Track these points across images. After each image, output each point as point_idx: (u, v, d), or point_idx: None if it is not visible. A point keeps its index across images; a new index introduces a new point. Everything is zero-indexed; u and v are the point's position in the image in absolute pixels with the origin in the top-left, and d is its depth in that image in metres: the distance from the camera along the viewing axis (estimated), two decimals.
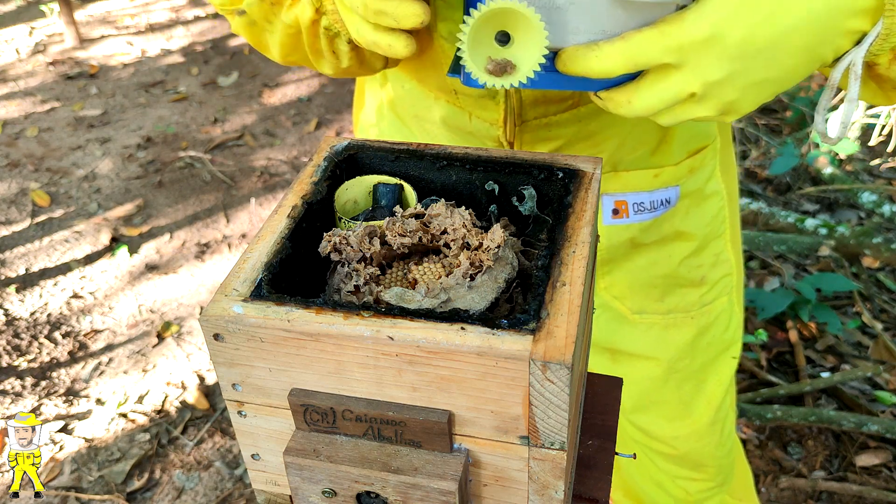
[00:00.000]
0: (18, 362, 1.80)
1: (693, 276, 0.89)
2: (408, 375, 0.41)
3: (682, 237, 0.87)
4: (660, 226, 0.85)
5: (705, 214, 0.87)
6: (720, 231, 0.89)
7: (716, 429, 0.99)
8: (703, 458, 1.00)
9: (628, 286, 0.90)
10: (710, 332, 0.93)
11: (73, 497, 1.51)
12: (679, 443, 0.98)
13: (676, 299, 0.90)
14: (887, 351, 1.71)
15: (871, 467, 1.50)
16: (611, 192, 0.82)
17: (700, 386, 0.96)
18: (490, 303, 0.45)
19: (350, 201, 0.55)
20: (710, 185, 0.86)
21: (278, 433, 0.47)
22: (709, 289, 0.91)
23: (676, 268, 0.88)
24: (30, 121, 2.80)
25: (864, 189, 2.12)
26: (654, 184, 0.82)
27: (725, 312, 0.94)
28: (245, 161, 2.56)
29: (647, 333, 0.92)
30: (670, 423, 0.97)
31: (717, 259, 0.90)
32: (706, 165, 0.85)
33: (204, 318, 0.43)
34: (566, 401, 0.39)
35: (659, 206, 0.83)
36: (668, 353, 0.93)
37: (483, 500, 0.46)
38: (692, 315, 0.91)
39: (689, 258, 0.88)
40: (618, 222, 0.84)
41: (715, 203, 0.87)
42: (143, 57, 3.26)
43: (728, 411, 1.01)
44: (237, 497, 1.51)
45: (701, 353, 0.94)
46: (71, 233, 2.24)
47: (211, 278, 2.07)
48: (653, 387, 0.95)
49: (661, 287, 0.89)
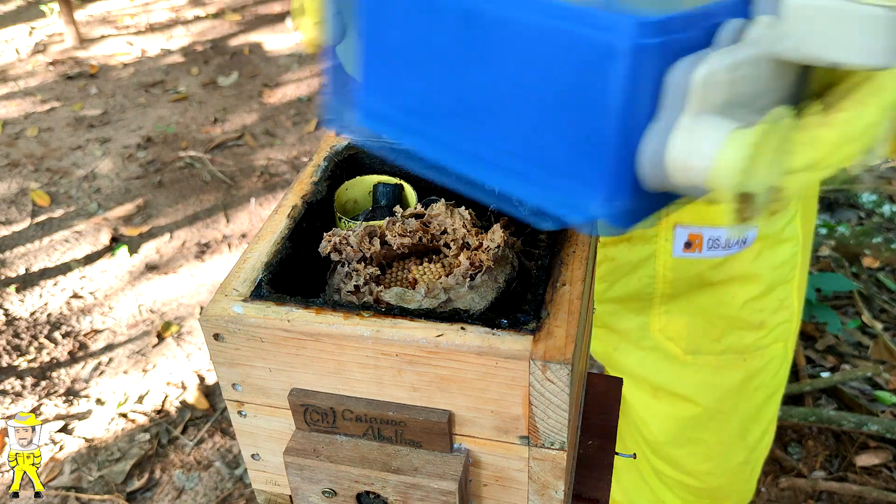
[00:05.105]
0: (18, 362, 1.80)
1: (753, 320, 0.85)
2: (408, 375, 0.41)
3: (750, 279, 0.83)
4: (730, 265, 0.81)
5: (777, 258, 0.83)
6: (789, 277, 0.85)
7: (747, 468, 0.97)
8: (729, 493, 0.98)
9: (687, 326, 0.86)
10: (760, 377, 0.90)
11: (73, 497, 1.51)
12: (710, 479, 0.95)
13: (732, 340, 0.86)
14: (887, 351, 1.71)
15: (871, 467, 1.50)
16: (686, 223, 0.78)
17: (742, 429, 0.93)
18: (490, 303, 0.45)
19: (350, 201, 0.55)
20: (789, 229, 0.82)
21: (278, 433, 0.47)
22: (766, 333, 0.87)
23: (739, 310, 0.84)
24: (30, 121, 2.80)
25: (864, 189, 2.12)
26: None
27: (778, 358, 0.90)
28: (245, 161, 2.56)
29: (696, 374, 0.88)
30: (705, 462, 0.94)
31: (780, 304, 0.86)
32: (789, 209, 0.81)
33: (204, 318, 0.43)
34: (566, 401, 0.39)
35: (734, 244, 0.79)
36: (715, 394, 0.89)
37: (483, 500, 0.46)
38: (745, 357, 0.87)
39: (753, 301, 0.84)
40: (689, 256, 0.80)
41: (789, 248, 0.83)
42: (143, 57, 3.26)
43: (762, 451, 0.98)
44: (237, 497, 1.51)
45: (748, 396, 0.90)
46: (71, 233, 2.23)
47: (211, 278, 2.07)
48: (693, 425, 0.92)
49: (720, 328, 0.86)
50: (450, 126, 0.37)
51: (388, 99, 0.40)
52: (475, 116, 0.36)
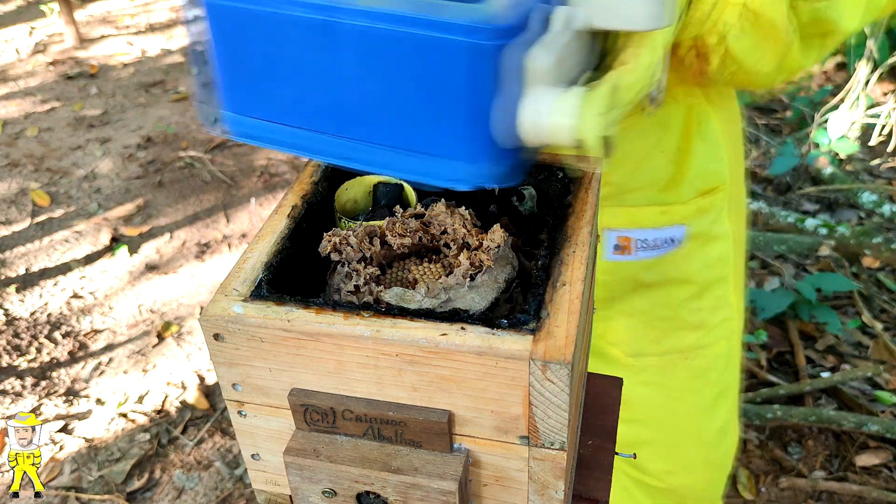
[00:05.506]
0: (18, 362, 1.80)
1: (692, 320, 0.87)
2: (408, 375, 0.41)
3: (685, 280, 0.84)
4: (662, 266, 0.83)
5: (709, 257, 0.84)
6: (724, 275, 0.86)
7: (712, 469, 0.97)
8: (693, 492, 0.98)
9: (626, 329, 0.87)
10: (706, 376, 0.91)
11: (73, 497, 1.51)
12: (671, 478, 0.96)
13: (674, 341, 0.88)
14: (887, 351, 1.71)
15: (871, 467, 1.50)
16: (615, 227, 0.80)
17: (695, 428, 0.94)
18: (490, 303, 0.45)
19: (350, 201, 0.55)
20: (717, 227, 0.83)
21: (278, 433, 0.47)
22: (707, 332, 0.88)
23: (676, 310, 0.86)
24: (30, 121, 2.80)
25: (864, 189, 2.12)
26: (660, 221, 0.79)
27: (723, 356, 0.91)
28: (245, 161, 2.56)
29: (640, 376, 0.90)
30: (662, 460, 0.95)
31: (718, 303, 0.87)
32: (715, 207, 0.82)
33: (204, 318, 0.43)
34: (566, 401, 0.39)
35: (663, 244, 0.81)
36: (660, 394, 0.90)
37: (483, 500, 0.46)
38: (687, 357, 0.89)
39: (689, 301, 0.85)
40: (620, 258, 0.81)
41: (720, 246, 0.84)
42: (143, 57, 3.26)
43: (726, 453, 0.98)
44: (237, 497, 1.51)
45: (695, 395, 0.91)
46: (71, 233, 2.24)
47: (211, 278, 2.07)
48: (643, 427, 0.92)
49: (659, 329, 0.87)
50: (323, 125, 0.43)
51: (251, 107, 0.45)
52: (348, 114, 0.41)
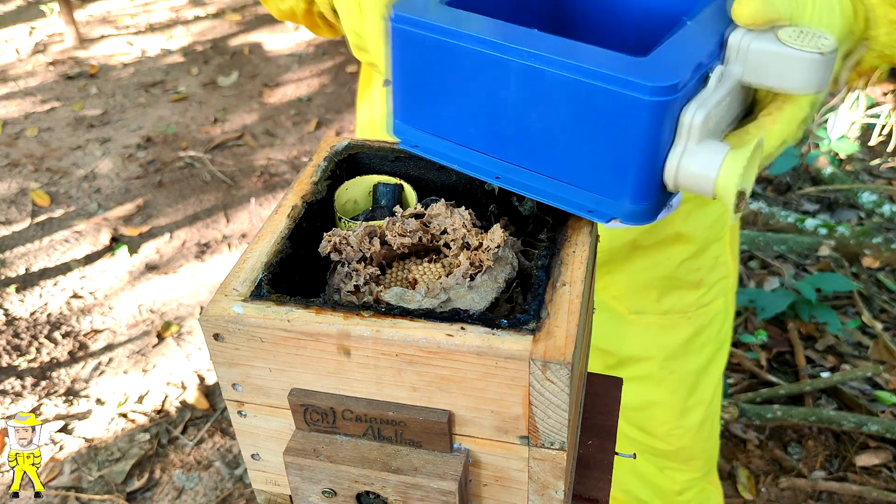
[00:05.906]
0: (18, 362, 1.80)
1: (692, 279, 0.90)
2: (408, 375, 0.41)
3: (683, 240, 0.87)
4: (661, 228, 0.85)
5: (707, 218, 0.87)
6: (720, 234, 0.90)
7: (707, 424, 1.01)
8: (694, 452, 1.02)
9: (627, 287, 0.90)
10: (705, 333, 0.94)
11: (73, 497, 1.51)
12: (674, 439, 0.99)
13: (674, 300, 0.91)
14: (887, 351, 1.71)
15: (871, 467, 1.50)
16: None
17: (695, 386, 0.97)
18: (490, 303, 0.45)
19: (350, 201, 0.55)
20: None
21: (278, 433, 0.47)
22: (706, 291, 0.92)
23: (675, 269, 0.89)
24: (30, 121, 2.80)
25: (864, 189, 2.12)
26: None
27: (721, 314, 0.95)
28: (245, 161, 2.56)
29: (644, 333, 0.93)
30: (667, 422, 0.98)
31: (715, 262, 0.91)
32: None
33: (204, 318, 0.43)
34: (566, 401, 0.39)
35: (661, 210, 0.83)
36: (663, 352, 0.93)
37: (483, 500, 0.46)
38: (689, 316, 0.92)
39: (689, 260, 0.89)
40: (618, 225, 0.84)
41: (717, 207, 0.88)
42: (143, 57, 3.26)
43: (717, 407, 1.03)
44: (237, 497, 1.51)
45: (696, 353, 0.95)
46: (71, 233, 2.24)
47: (211, 278, 2.07)
48: (650, 387, 0.96)
49: (659, 288, 0.90)
50: (484, 146, 0.48)
51: (421, 120, 0.50)
52: (510, 141, 0.46)
